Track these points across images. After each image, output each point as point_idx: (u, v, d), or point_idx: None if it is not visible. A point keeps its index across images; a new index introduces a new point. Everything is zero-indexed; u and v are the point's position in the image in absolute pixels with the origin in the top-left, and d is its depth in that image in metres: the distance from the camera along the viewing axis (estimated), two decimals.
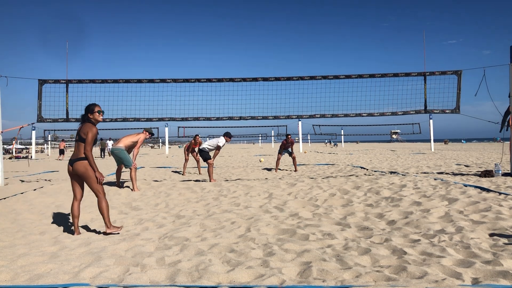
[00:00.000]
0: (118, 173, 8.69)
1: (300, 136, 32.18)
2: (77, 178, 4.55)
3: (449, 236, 4.02)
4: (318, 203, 6.29)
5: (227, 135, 10.28)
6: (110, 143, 29.53)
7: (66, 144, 33.99)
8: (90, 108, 4.57)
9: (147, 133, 8.63)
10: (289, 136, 12.90)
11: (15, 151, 32.80)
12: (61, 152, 29.33)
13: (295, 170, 12.98)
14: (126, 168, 8.44)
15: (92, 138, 4.40)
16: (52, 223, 5.28)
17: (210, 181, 9.65)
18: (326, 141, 67.20)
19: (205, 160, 10.05)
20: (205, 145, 10.30)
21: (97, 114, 4.57)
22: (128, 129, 33.89)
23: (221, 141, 10.12)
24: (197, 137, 12.97)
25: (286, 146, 12.94)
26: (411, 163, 15.27)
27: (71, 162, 4.46)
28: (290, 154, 12.99)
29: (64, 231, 4.84)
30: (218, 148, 10.12)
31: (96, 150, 36.59)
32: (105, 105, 10.05)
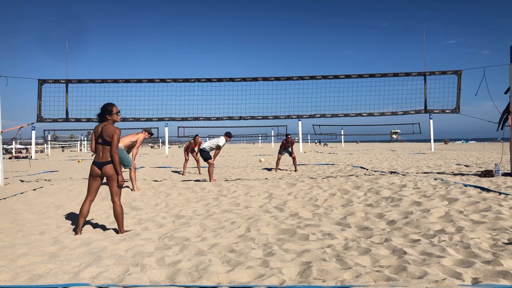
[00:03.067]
0: None
1: (300, 136, 32.20)
2: (99, 180, 4.53)
3: (449, 236, 4.02)
4: (318, 203, 6.29)
5: (227, 135, 10.32)
6: None
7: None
8: (108, 109, 4.43)
9: (147, 133, 8.62)
10: (289, 136, 12.91)
11: (15, 151, 33.01)
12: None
13: (295, 170, 12.98)
14: (125, 168, 8.44)
15: (118, 140, 4.33)
16: (52, 223, 5.27)
17: (210, 181, 9.65)
18: (316, 141, 67.42)
19: (205, 160, 10.05)
20: (206, 145, 10.32)
21: (115, 115, 4.46)
22: (128, 129, 33.89)
23: (221, 140, 10.15)
24: (197, 137, 12.96)
25: (286, 146, 12.94)
26: (411, 163, 15.27)
27: (100, 164, 4.41)
28: (290, 154, 12.99)
29: (64, 231, 4.83)
30: (218, 147, 10.14)
31: None
32: None
